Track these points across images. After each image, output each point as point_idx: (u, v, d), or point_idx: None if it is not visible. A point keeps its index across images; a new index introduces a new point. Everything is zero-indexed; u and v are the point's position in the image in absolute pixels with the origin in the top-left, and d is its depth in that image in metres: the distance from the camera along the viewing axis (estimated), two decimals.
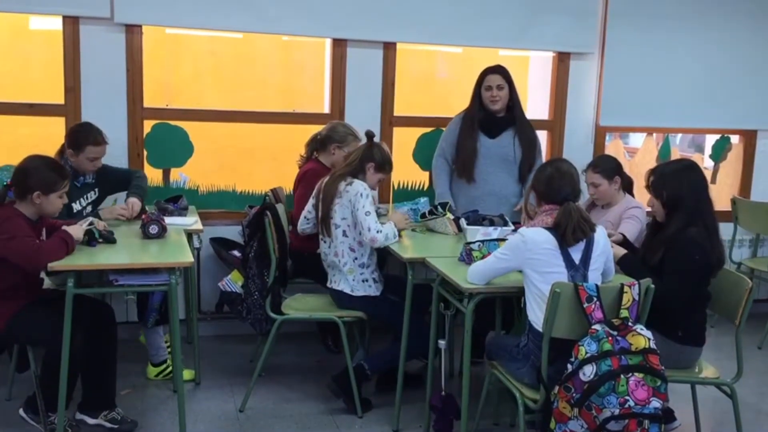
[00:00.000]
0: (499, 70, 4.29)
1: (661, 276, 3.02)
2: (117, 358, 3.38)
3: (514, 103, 4.32)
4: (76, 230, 3.17)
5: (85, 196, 3.85)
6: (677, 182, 3.17)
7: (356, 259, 3.65)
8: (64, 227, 3.14)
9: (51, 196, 3.10)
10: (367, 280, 3.68)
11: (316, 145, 4.24)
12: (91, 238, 3.23)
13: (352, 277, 3.65)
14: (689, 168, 3.25)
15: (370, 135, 3.77)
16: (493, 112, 4.30)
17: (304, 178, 4.16)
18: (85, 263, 3.08)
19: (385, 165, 3.72)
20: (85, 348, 3.14)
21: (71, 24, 4.22)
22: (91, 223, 3.26)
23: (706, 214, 3.15)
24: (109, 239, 3.31)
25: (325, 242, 3.72)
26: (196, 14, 4.34)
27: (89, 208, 3.83)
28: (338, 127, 4.21)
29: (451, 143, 4.36)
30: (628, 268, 3.19)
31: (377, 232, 3.52)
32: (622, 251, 3.27)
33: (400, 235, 3.74)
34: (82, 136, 3.72)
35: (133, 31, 4.30)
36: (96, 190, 3.93)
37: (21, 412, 3.34)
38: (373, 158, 3.68)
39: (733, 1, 5.23)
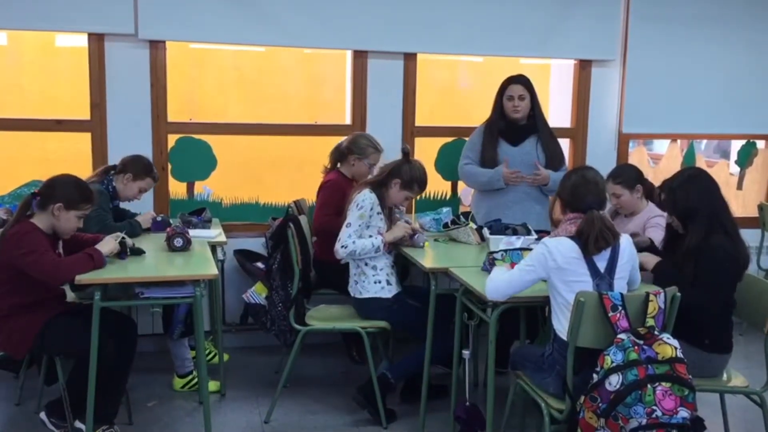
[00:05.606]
0: (521, 80, 4.29)
1: (692, 287, 2.98)
2: (129, 375, 3.37)
3: (535, 112, 4.32)
4: (109, 244, 3.22)
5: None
6: (685, 194, 3.14)
7: (368, 262, 3.66)
8: (96, 246, 3.19)
9: (71, 212, 3.15)
10: (380, 281, 3.68)
11: (338, 155, 4.27)
12: (122, 251, 3.29)
13: (364, 279, 3.68)
14: (694, 176, 3.21)
15: (405, 151, 3.77)
16: (514, 120, 4.30)
17: (323, 188, 4.22)
18: (110, 276, 3.12)
19: (412, 184, 3.69)
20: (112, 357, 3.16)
21: (96, 41, 4.29)
22: (123, 238, 3.32)
23: (723, 218, 3.11)
24: (138, 252, 3.38)
25: None
26: (219, 29, 4.40)
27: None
28: (360, 139, 4.22)
29: (477, 152, 4.35)
30: (662, 276, 3.14)
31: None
32: (655, 259, 3.23)
33: (421, 246, 3.75)
34: (149, 167, 3.96)
35: (157, 47, 4.36)
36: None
37: (42, 415, 3.35)
38: (400, 175, 3.67)
39: (756, 5, 5.18)
